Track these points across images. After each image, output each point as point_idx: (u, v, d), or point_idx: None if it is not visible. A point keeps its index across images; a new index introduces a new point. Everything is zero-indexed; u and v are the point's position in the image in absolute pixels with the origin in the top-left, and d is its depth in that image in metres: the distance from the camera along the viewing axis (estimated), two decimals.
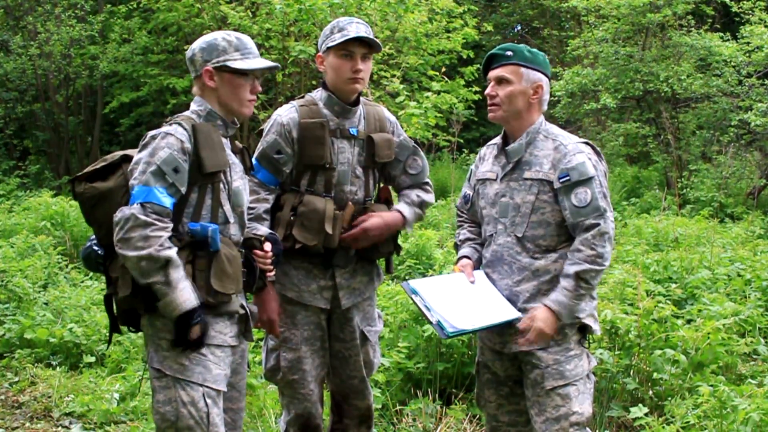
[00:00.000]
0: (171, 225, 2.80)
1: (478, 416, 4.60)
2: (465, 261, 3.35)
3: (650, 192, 13.25)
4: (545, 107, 3.30)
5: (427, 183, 3.74)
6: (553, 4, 16.91)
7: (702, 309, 5.34)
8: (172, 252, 2.75)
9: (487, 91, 3.28)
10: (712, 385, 4.24)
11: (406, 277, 6.81)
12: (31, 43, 15.42)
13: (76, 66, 15.68)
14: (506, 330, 3.22)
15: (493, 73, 3.25)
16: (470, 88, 12.82)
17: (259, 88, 3.06)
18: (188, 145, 2.86)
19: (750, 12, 13.14)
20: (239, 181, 3.06)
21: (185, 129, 2.89)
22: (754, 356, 5.38)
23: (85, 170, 2.98)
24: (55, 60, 15.43)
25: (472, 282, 3.25)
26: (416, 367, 4.87)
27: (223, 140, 3.03)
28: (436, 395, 4.74)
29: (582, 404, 3.18)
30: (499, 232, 3.26)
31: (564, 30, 18.32)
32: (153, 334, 2.92)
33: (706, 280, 6.44)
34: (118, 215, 2.77)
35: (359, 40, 3.37)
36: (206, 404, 2.88)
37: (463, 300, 3.19)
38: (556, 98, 14.01)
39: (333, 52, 3.40)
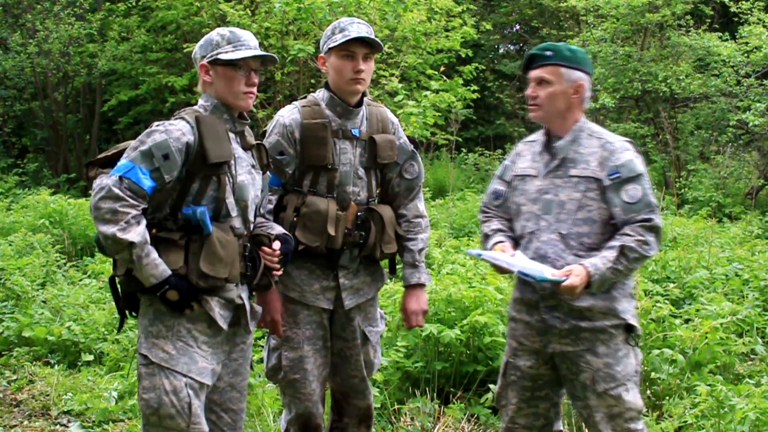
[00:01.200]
0: (143, 205, 2.82)
1: (476, 415, 4.61)
2: (501, 245, 3.28)
3: None
4: (587, 104, 3.30)
5: (420, 188, 3.74)
6: (552, 3, 16.91)
7: (700, 309, 5.35)
8: (134, 235, 2.76)
9: (528, 92, 3.27)
10: (709, 385, 4.24)
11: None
12: (29, 41, 15.41)
13: (75, 64, 15.68)
14: (550, 329, 3.22)
15: (533, 74, 3.24)
16: (469, 87, 12.82)
17: (256, 80, 3.03)
18: (190, 137, 2.89)
19: (749, 12, 13.15)
20: (245, 175, 3.06)
21: (188, 122, 2.92)
22: (752, 356, 5.39)
23: (99, 156, 3.03)
24: (54, 58, 15.42)
25: (513, 255, 3.21)
26: (414, 367, 4.88)
27: (231, 135, 3.04)
28: (435, 394, 4.75)
29: (634, 399, 3.20)
30: (541, 228, 3.22)
31: (563, 30, 18.30)
32: (145, 320, 2.95)
33: (704, 280, 6.45)
34: (97, 182, 2.83)
35: (360, 41, 3.36)
36: (188, 395, 2.89)
37: (524, 260, 3.17)
38: None
39: (334, 52, 3.40)
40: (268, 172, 3.26)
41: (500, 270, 3.27)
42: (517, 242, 3.34)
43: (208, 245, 2.89)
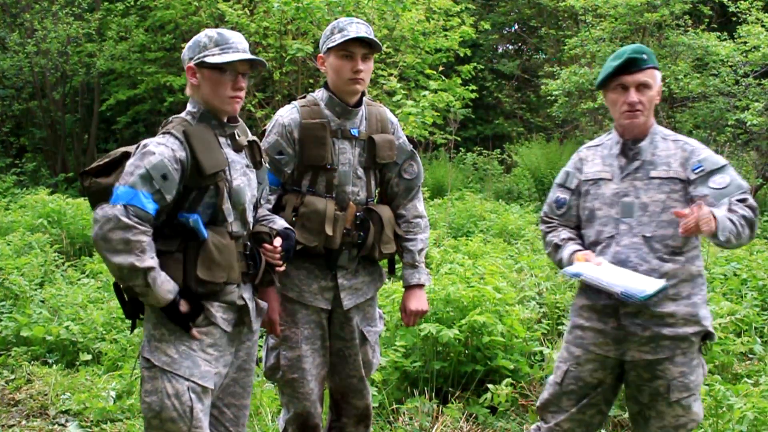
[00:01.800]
0: (151, 230, 2.79)
1: (474, 415, 4.61)
2: (583, 251, 3.21)
3: None
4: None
5: (419, 188, 3.73)
6: (551, 3, 16.92)
7: None
8: (152, 260, 2.76)
9: (630, 99, 3.16)
10: (708, 385, 4.25)
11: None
12: (28, 41, 15.39)
13: (73, 63, 15.67)
14: (629, 337, 3.16)
15: (632, 79, 3.16)
16: (467, 87, 12.82)
17: (243, 84, 2.96)
18: (182, 153, 2.86)
19: (747, 12, 13.15)
20: (240, 178, 3.04)
21: (177, 137, 2.88)
22: (750, 355, 5.39)
23: (92, 165, 3.02)
24: (52, 57, 15.40)
25: (599, 264, 3.14)
26: (413, 366, 4.88)
27: (222, 139, 3.01)
28: (433, 394, 4.75)
29: (699, 409, 3.19)
30: (622, 232, 3.17)
31: (561, 29, 18.30)
32: (149, 323, 2.95)
33: None
34: (99, 213, 2.77)
35: (360, 41, 3.36)
36: (190, 398, 2.89)
37: (620, 273, 3.07)
38: (553, 97, 14.02)
39: (333, 52, 3.39)
40: (265, 165, 3.24)
41: (594, 287, 3.12)
42: (588, 249, 3.26)
43: (203, 251, 2.88)
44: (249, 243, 3.10)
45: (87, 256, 8.50)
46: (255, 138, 3.21)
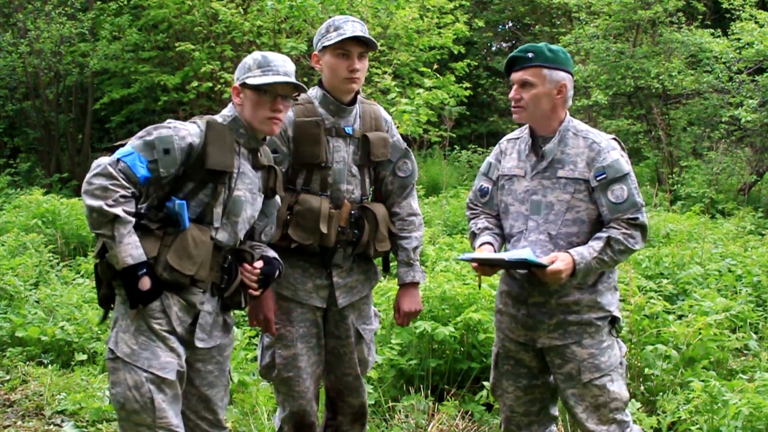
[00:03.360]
0: (132, 189, 2.85)
1: (470, 412, 4.61)
2: (487, 246, 3.32)
3: (641, 188, 13.28)
4: (570, 103, 3.30)
5: (413, 186, 3.73)
6: (545, 0, 16.92)
7: (693, 305, 5.36)
8: (120, 210, 2.79)
9: (510, 95, 3.26)
10: (703, 381, 4.26)
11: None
12: (21, 41, 15.35)
13: (67, 63, 15.62)
14: (538, 325, 3.27)
15: (515, 76, 3.24)
16: (461, 84, 12.82)
17: (281, 107, 3.05)
18: (196, 140, 2.93)
19: (740, 8, 13.17)
20: (245, 192, 3.08)
21: (198, 126, 2.97)
22: (745, 351, 5.41)
23: (111, 146, 3.06)
24: (46, 57, 15.36)
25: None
26: (409, 364, 4.88)
27: (242, 150, 3.08)
28: (429, 392, 4.75)
29: (619, 389, 3.26)
30: (530, 229, 3.26)
31: (555, 27, 18.33)
32: (117, 314, 2.98)
33: (697, 276, 6.47)
34: (95, 162, 2.87)
35: (356, 39, 3.36)
36: (149, 390, 2.89)
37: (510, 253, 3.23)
38: None
39: (329, 51, 3.39)
40: (277, 198, 3.27)
41: (489, 265, 3.26)
42: (505, 240, 3.40)
43: (180, 239, 2.90)
44: (230, 257, 3.10)
45: (82, 256, 8.48)
46: (276, 167, 3.24)
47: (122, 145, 2.97)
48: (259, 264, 3.14)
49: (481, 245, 3.34)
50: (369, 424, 4.15)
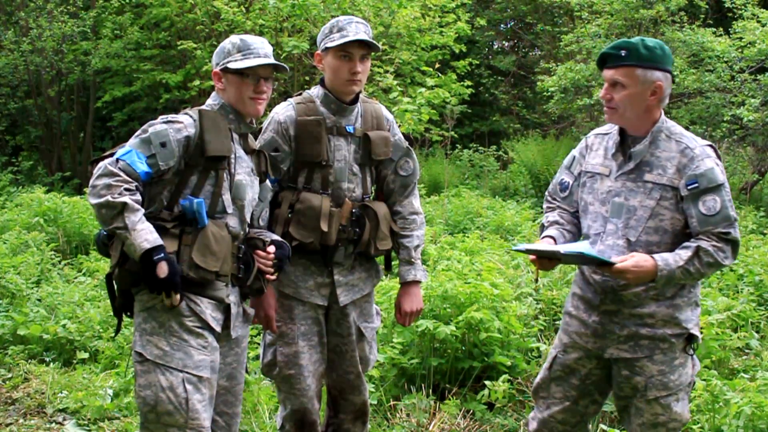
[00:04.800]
0: (135, 184, 2.86)
1: (471, 411, 4.61)
2: (547, 239, 3.16)
3: None
4: (666, 102, 3.08)
5: (415, 185, 3.74)
6: None
7: None
8: (128, 198, 2.80)
9: (601, 94, 3.08)
10: (705, 380, 4.26)
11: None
12: (23, 39, 15.34)
13: (69, 62, 15.62)
14: (608, 335, 3.13)
15: (607, 74, 3.03)
16: (463, 83, 12.81)
17: (265, 88, 3.08)
18: (192, 131, 2.97)
19: (743, 7, 13.16)
20: (244, 176, 3.11)
21: (191, 116, 3.00)
22: (747, 350, 5.41)
23: (104, 154, 3.07)
24: (48, 56, 15.36)
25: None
26: (410, 363, 4.88)
27: (234, 135, 3.11)
28: (430, 390, 4.75)
29: (682, 410, 3.12)
30: (608, 231, 3.09)
31: (557, 26, 18.30)
32: (139, 318, 2.97)
33: None
34: (97, 166, 2.90)
35: (358, 42, 3.36)
36: (185, 390, 2.90)
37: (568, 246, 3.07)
38: (549, 94, 14.02)
39: (332, 52, 3.39)
40: (267, 182, 3.28)
41: (547, 258, 3.06)
42: (578, 239, 3.22)
43: (202, 237, 2.92)
44: (243, 246, 3.12)
45: (83, 254, 8.48)
46: (264, 151, 3.29)
47: (121, 148, 2.99)
48: (271, 249, 3.16)
49: (542, 238, 3.18)
50: (370, 423, 4.16)
